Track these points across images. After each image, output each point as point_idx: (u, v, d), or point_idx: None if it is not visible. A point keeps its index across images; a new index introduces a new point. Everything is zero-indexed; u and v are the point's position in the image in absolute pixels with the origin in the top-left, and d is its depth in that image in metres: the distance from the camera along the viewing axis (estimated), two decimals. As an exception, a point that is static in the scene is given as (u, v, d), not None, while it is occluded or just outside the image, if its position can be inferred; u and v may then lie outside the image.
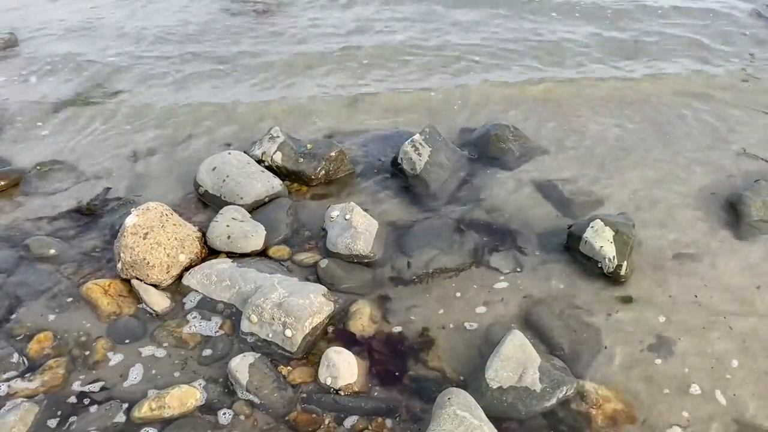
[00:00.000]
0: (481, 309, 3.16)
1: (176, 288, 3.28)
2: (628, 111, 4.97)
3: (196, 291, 3.24)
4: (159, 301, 3.17)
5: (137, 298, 3.20)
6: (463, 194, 3.99)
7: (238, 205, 3.75)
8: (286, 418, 2.63)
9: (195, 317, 3.11)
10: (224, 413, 2.64)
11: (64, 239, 3.63)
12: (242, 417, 2.64)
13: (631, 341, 2.98)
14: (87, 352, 2.94)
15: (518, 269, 3.40)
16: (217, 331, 3.04)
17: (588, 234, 3.36)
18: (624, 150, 4.44)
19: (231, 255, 3.46)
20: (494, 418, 2.51)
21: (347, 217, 3.52)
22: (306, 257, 3.48)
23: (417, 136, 4.15)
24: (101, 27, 6.81)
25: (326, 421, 2.62)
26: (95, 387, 2.77)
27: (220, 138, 4.67)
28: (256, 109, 5.08)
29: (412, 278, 3.35)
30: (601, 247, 3.28)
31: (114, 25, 6.83)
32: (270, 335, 2.91)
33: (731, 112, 4.93)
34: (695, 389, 2.76)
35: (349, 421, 2.62)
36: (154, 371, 2.85)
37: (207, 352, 2.94)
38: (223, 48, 6.23)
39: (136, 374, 2.83)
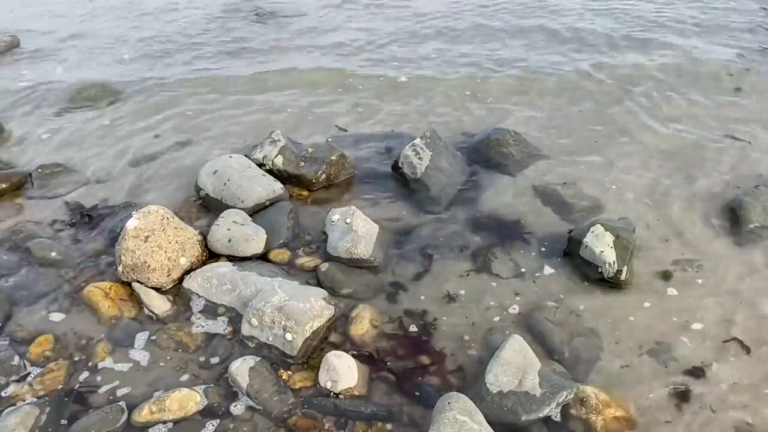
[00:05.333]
0: (481, 313, 3.17)
1: (177, 291, 3.29)
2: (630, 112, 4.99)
3: (197, 294, 3.24)
4: (160, 304, 3.18)
5: (138, 302, 3.21)
6: (464, 198, 3.99)
7: (239, 208, 3.75)
8: (286, 422, 2.63)
9: (195, 320, 3.12)
10: (224, 417, 2.65)
11: (66, 242, 3.64)
12: (242, 421, 2.64)
13: (632, 346, 2.98)
14: (88, 355, 2.94)
15: (518, 274, 3.41)
16: (218, 335, 3.04)
17: (588, 239, 3.36)
18: (626, 155, 4.44)
19: (232, 258, 3.47)
20: (494, 423, 2.51)
21: (348, 220, 3.53)
22: (307, 261, 3.49)
23: (418, 140, 4.16)
24: (103, 30, 6.83)
25: (326, 426, 2.62)
26: (96, 390, 2.77)
27: (221, 141, 4.68)
28: (257, 110, 5.10)
29: (412, 282, 3.35)
30: (602, 251, 3.28)
31: (116, 28, 6.85)
32: (270, 339, 2.91)
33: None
34: (696, 394, 2.76)
35: (349, 426, 2.62)
36: (154, 374, 2.85)
37: (207, 355, 2.94)
38: (225, 49, 6.24)
39: (136, 377, 2.84)
